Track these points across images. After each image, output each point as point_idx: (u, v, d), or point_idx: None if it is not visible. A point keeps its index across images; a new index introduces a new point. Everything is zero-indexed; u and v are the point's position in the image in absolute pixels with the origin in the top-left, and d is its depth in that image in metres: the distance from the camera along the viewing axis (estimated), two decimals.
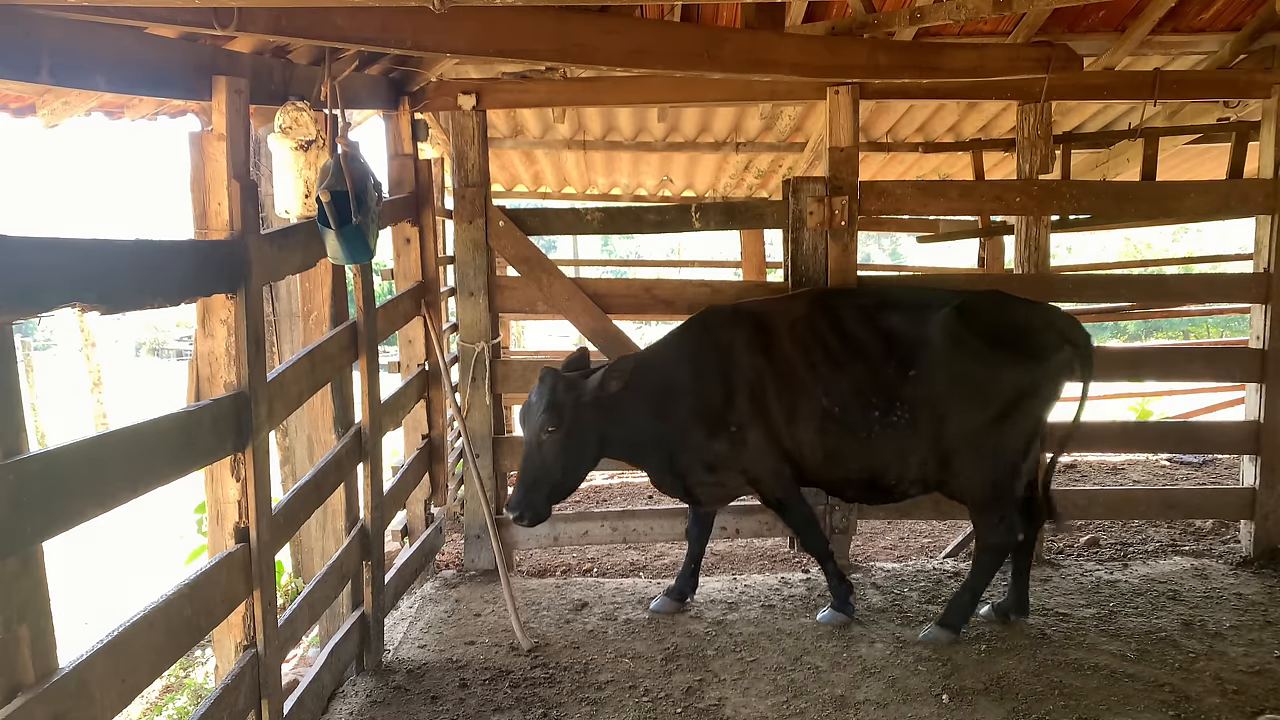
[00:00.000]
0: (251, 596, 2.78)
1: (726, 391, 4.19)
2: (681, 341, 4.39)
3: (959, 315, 4.05)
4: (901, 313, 4.17)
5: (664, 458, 4.30)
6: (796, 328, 4.23)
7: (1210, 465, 7.58)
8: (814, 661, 3.98)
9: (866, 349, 4.13)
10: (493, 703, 3.70)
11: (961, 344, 4.00)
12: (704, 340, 4.31)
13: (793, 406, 4.15)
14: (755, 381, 4.17)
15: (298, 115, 3.26)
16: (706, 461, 4.24)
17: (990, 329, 4.03)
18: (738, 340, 4.24)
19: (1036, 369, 4.00)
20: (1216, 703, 3.54)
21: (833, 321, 4.21)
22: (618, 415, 4.17)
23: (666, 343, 4.47)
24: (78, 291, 2.02)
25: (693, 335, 4.37)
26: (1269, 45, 4.87)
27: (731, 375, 4.19)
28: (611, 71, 4.76)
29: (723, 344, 4.25)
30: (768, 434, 4.17)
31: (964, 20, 4.17)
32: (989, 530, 4.10)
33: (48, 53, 2.34)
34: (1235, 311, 10.26)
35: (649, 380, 4.23)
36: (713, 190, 9.46)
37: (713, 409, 4.19)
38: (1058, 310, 4.27)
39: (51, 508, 1.88)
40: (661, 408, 4.23)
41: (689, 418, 4.22)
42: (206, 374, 2.81)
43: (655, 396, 4.23)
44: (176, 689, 5.56)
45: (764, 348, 4.21)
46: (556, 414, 4.06)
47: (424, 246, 5.11)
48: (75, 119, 3.15)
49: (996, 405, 3.98)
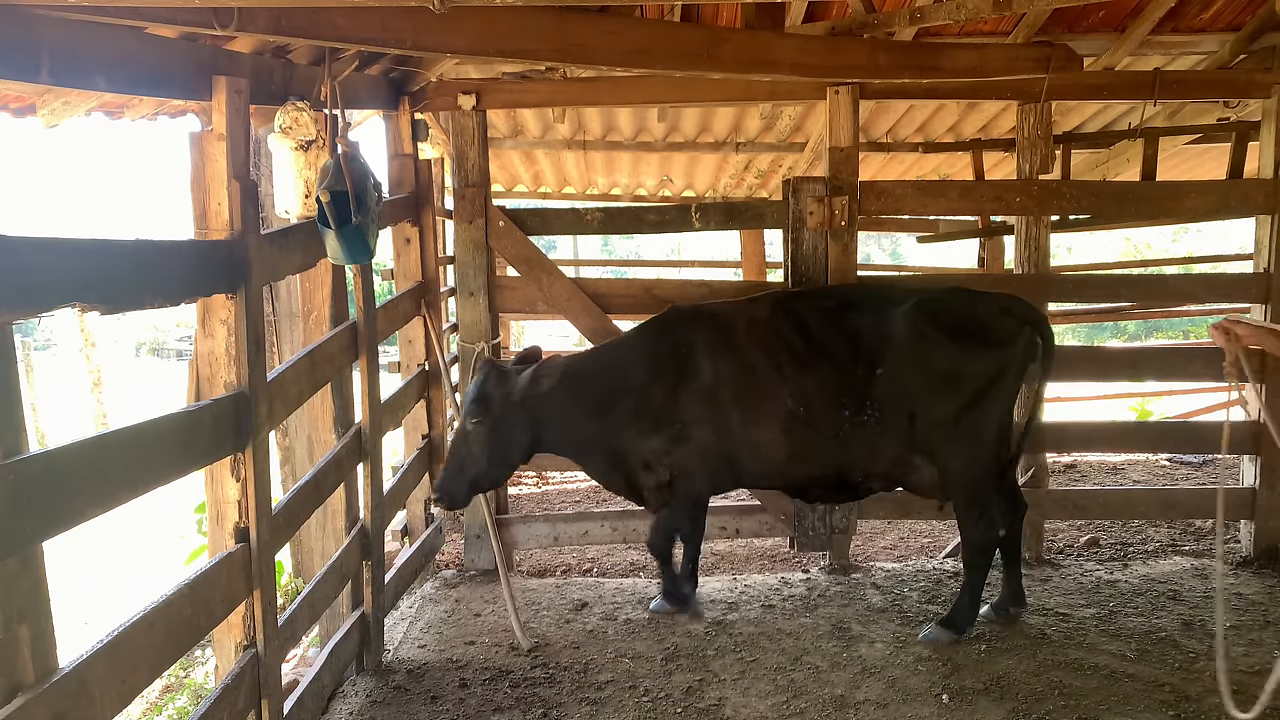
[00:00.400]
0: (251, 596, 2.78)
1: (680, 390, 4.15)
2: (638, 341, 4.39)
3: (921, 310, 4.07)
4: (864, 312, 4.17)
5: (610, 457, 4.28)
6: (757, 329, 4.22)
7: (1210, 465, 7.58)
8: (814, 661, 3.98)
9: (832, 349, 4.12)
10: (493, 703, 3.70)
11: (926, 338, 4.02)
12: (663, 340, 4.29)
13: (753, 408, 4.13)
14: (713, 382, 4.15)
15: (298, 115, 3.26)
16: (648, 462, 4.22)
17: (952, 321, 4.05)
18: (698, 340, 4.21)
19: (1001, 355, 4.02)
20: (1216, 703, 3.53)
21: (795, 323, 4.19)
22: (555, 413, 4.18)
23: (621, 342, 4.48)
24: (78, 291, 2.02)
25: (651, 335, 4.36)
26: (1269, 45, 4.86)
27: (688, 374, 4.17)
28: (611, 71, 4.76)
29: (682, 344, 4.22)
30: (717, 434, 4.15)
31: (964, 20, 4.17)
32: (971, 527, 4.11)
33: (48, 53, 2.34)
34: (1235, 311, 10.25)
35: (598, 379, 4.24)
36: (713, 190, 9.46)
37: (666, 408, 4.16)
38: (1012, 296, 4.31)
39: (51, 508, 1.88)
40: (611, 406, 4.21)
41: (640, 417, 4.18)
42: (206, 374, 2.81)
43: (605, 395, 4.21)
44: (176, 689, 5.56)
45: (725, 348, 4.19)
46: (484, 406, 4.10)
47: (424, 246, 5.11)
48: (75, 119, 3.15)
49: (967, 395, 4.00)
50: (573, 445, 4.34)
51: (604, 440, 4.26)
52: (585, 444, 4.31)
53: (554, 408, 4.18)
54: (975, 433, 4.03)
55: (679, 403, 4.16)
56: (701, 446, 4.17)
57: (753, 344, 4.19)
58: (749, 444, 4.17)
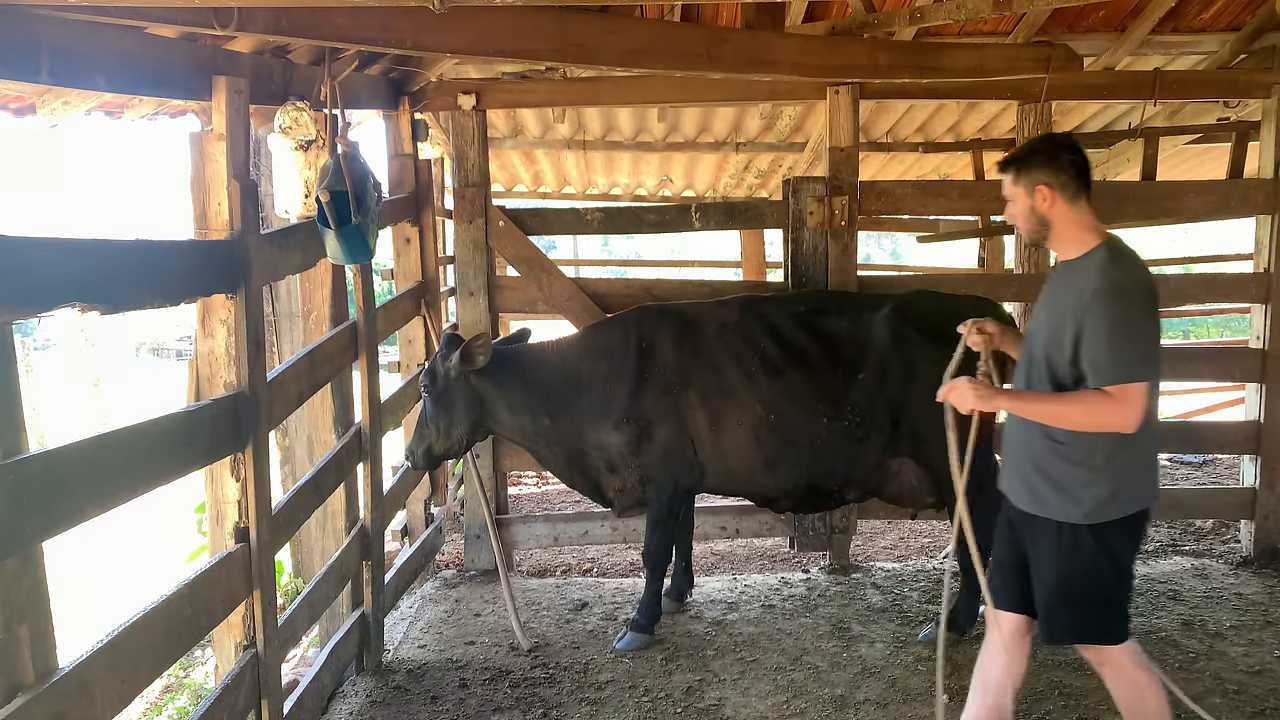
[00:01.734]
0: (251, 596, 2.78)
1: (641, 388, 4.08)
2: (598, 335, 4.33)
3: (899, 313, 4.04)
4: (839, 316, 4.13)
5: (566, 453, 4.22)
6: (727, 333, 4.14)
7: (1210, 465, 7.58)
8: (814, 661, 3.98)
9: (808, 355, 4.06)
10: (493, 703, 3.70)
11: (907, 340, 3.98)
12: (625, 336, 4.21)
13: (719, 414, 4.05)
14: (675, 381, 4.07)
15: (298, 115, 3.26)
16: (610, 461, 4.18)
17: (931, 323, 3.99)
18: (662, 339, 4.14)
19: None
20: (1217, 703, 3.53)
21: (767, 328, 4.12)
22: (496, 395, 4.13)
23: (583, 335, 4.43)
24: (78, 291, 2.02)
25: (613, 330, 4.30)
26: (1269, 45, 4.86)
27: (650, 372, 4.09)
28: (611, 71, 4.76)
29: (645, 341, 4.15)
30: (679, 436, 4.08)
31: (964, 20, 4.17)
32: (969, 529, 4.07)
33: (48, 53, 2.34)
34: (1235, 311, 10.26)
35: (547, 371, 4.19)
36: (713, 190, 9.46)
37: (622, 405, 4.08)
38: (981, 297, 4.34)
39: (51, 508, 1.88)
40: (564, 399, 4.15)
41: (595, 412, 4.11)
42: (206, 374, 2.82)
43: (557, 388, 4.15)
44: (176, 689, 5.56)
45: (691, 349, 4.11)
46: (431, 375, 4.15)
47: (424, 246, 5.11)
48: (75, 119, 3.15)
49: None
50: (518, 434, 4.26)
51: (557, 436, 4.18)
52: (536, 437, 4.22)
53: (494, 389, 4.12)
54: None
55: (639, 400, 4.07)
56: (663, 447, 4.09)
57: (721, 347, 4.10)
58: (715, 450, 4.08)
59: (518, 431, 4.26)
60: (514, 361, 4.21)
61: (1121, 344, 2.41)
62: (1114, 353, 2.41)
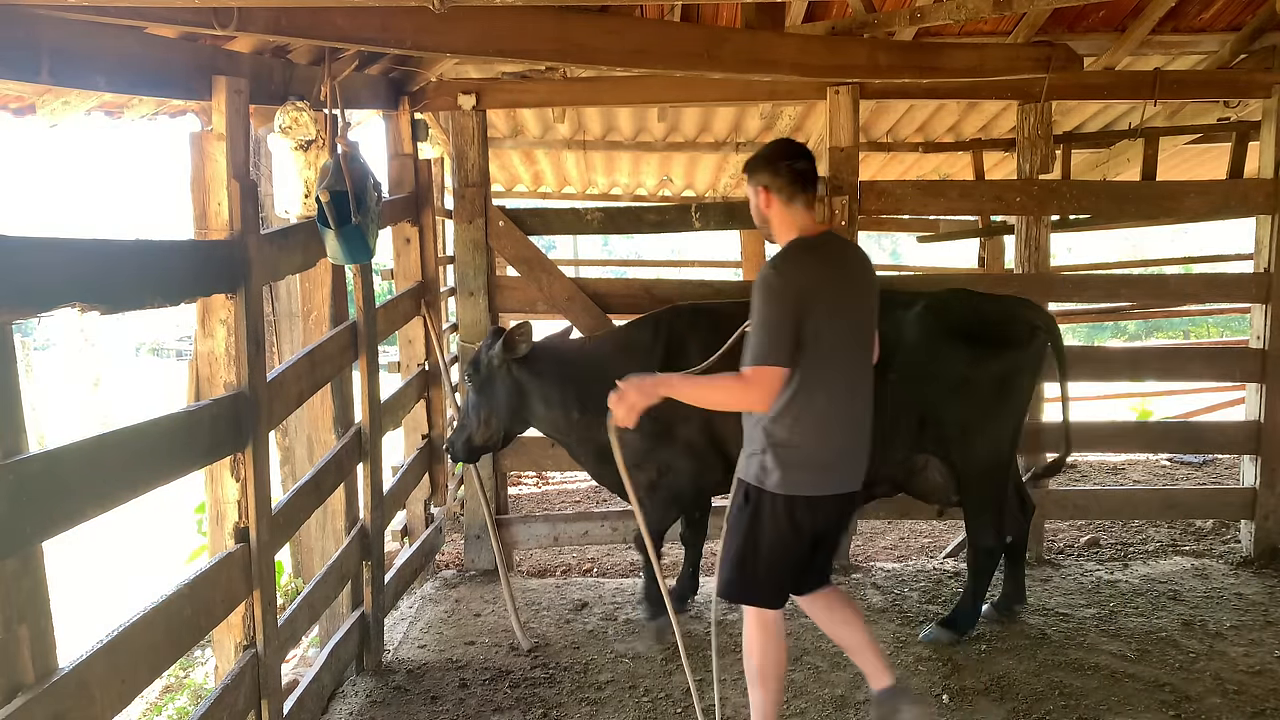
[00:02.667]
0: (251, 596, 2.78)
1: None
2: (631, 332, 4.36)
3: (932, 313, 4.02)
4: None
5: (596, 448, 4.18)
6: None
7: (1210, 465, 7.58)
8: (814, 661, 3.98)
9: None
10: (493, 703, 3.70)
11: (940, 340, 3.97)
12: (655, 333, 4.23)
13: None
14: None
15: (298, 115, 3.26)
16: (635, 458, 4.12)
17: (965, 323, 4.01)
18: (691, 338, 4.13)
19: (1019, 357, 4.00)
20: (1217, 703, 3.54)
21: None
22: (534, 385, 4.17)
23: (616, 331, 4.48)
24: (78, 291, 2.01)
25: (645, 328, 4.31)
26: (1269, 45, 4.86)
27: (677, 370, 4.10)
28: (611, 71, 4.76)
29: (674, 339, 4.16)
30: (703, 436, 4.08)
31: (964, 20, 4.17)
32: (981, 532, 4.09)
33: (48, 53, 2.33)
34: (1235, 311, 10.26)
35: (583, 367, 4.20)
36: (713, 190, 9.46)
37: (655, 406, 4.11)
38: (1020, 298, 4.30)
39: (51, 508, 1.88)
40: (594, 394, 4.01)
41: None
42: (206, 374, 2.81)
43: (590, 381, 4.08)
44: (176, 689, 5.56)
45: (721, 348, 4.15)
46: (475, 363, 4.22)
47: (424, 246, 5.11)
48: (75, 119, 3.15)
49: (984, 398, 3.96)
50: (551, 427, 4.30)
51: (588, 430, 4.17)
52: (569, 430, 4.24)
53: (532, 379, 4.16)
54: (991, 437, 4.00)
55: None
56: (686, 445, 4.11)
57: None
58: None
59: (551, 424, 4.30)
60: (552, 354, 4.26)
61: (758, 330, 2.75)
62: (752, 337, 2.76)
